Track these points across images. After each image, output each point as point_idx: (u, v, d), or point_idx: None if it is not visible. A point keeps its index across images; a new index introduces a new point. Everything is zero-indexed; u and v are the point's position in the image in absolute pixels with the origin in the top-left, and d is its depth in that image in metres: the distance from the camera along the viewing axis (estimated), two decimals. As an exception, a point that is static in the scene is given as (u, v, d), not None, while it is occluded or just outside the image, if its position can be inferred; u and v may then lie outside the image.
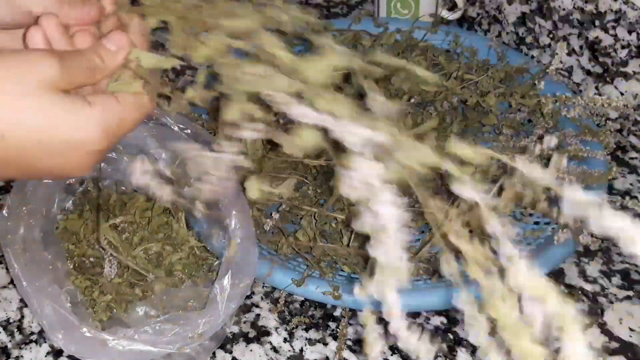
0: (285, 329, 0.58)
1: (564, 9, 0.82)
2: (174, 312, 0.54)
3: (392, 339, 0.32)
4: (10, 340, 0.57)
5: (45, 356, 0.56)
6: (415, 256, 0.59)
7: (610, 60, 0.79)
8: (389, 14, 0.94)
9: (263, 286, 0.62)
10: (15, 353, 0.56)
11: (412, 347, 0.32)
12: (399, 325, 0.32)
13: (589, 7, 0.79)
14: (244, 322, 0.59)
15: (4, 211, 0.57)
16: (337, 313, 0.59)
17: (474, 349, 0.56)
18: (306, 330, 0.58)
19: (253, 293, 0.61)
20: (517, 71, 0.78)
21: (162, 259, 0.61)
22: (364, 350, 0.34)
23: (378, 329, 0.33)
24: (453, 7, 0.95)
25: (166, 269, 0.60)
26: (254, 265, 0.55)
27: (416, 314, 0.59)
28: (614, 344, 0.57)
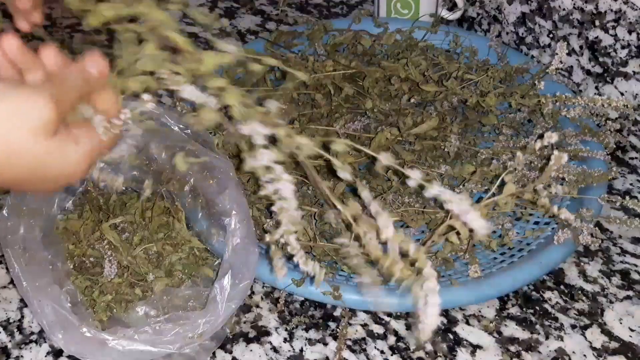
0: (285, 329, 0.58)
1: (564, 9, 0.82)
2: (174, 312, 0.54)
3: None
4: (10, 340, 0.57)
5: (45, 356, 0.56)
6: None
7: (610, 60, 0.79)
8: (389, 14, 0.94)
9: (263, 286, 0.62)
10: (15, 353, 0.56)
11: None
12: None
13: (589, 7, 0.79)
14: (244, 322, 0.59)
15: (4, 211, 0.57)
16: (337, 313, 0.59)
17: (474, 349, 0.56)
18: (306, 330, 0.58)
19: (253, 293, 0.61)
20: (517, 71, 0.78)
21: (162, 259, 0.61)
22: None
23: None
24: (453, 7, 0.95)
25: (166, 269, 0.60)
26: (254, 265, 0.55)
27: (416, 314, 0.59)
28: (614, 344, 0.57)
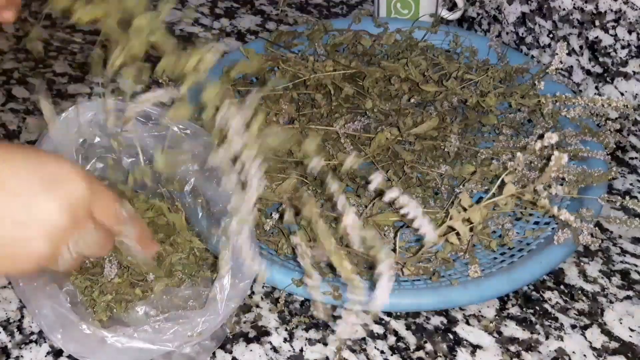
0: (285, 329, 0.58)
1: (564, 9, 0.82)
2: (174, 312, 0.54)
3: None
4: (10, 340, 0.57)
5: (45, 356, 0.56)
6: (415, 256, 0.59)
7: (610, 60, 0.79)
8: (389, 14, 0.94)
9: (263, 286, 0.62)
10: (15, 353, 0.56)
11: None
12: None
13: (589, 7, 0.79)
14: (244, 322, 0.59)
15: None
16: (337, 313, 0.59)
17: (474, 349, 0.56)
18: (306, 330, 0.58)
19: (253, 293, 0.61)
20: (517, 71, 0.78)
21: (162, 259, 0.61)
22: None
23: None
24: (453, 7, 0.95)
25: (166, 269, 0.60)
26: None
27: (416, 314, 0.59)
28: (614, 344, 0.57)
